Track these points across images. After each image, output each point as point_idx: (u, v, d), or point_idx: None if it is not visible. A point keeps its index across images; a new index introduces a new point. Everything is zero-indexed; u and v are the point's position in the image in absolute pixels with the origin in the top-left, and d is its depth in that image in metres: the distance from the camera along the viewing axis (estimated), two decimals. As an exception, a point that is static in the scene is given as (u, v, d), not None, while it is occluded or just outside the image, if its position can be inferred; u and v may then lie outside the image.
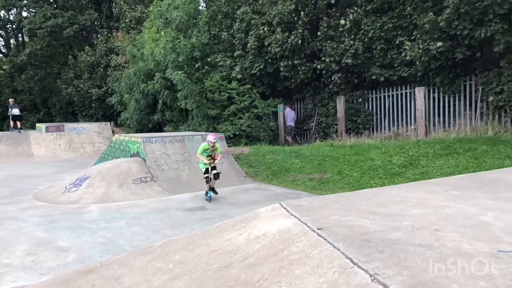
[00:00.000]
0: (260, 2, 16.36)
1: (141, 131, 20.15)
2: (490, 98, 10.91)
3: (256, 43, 15.48)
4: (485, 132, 10.28)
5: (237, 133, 15.40)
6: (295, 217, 3.14)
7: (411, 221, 2.81)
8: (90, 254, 5.36)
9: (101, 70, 26.43)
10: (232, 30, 17.09)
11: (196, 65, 17.24)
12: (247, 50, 15.95)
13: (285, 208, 3.43)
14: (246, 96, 15.82)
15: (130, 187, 9.50)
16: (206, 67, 17.13)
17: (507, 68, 10.58)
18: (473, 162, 8.52)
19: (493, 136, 9.86)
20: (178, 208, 8.14)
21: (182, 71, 16.37)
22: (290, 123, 15.67)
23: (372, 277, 1.92)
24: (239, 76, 16.11)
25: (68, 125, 20.41)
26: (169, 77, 16.81)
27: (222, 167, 11.14)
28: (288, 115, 15.75)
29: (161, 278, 2.98)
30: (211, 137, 8.62)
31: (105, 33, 28.18)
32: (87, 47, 27.97)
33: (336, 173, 10.09)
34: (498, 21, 9.99)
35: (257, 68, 15.73)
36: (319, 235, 2.64)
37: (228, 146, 12.82)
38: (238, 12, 16.65)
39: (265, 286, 2.28)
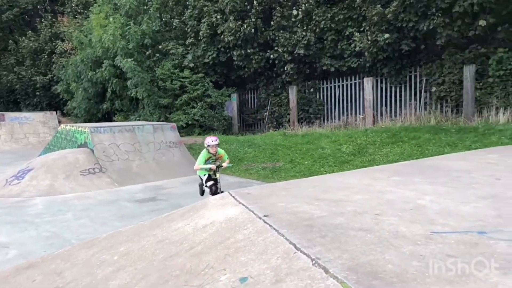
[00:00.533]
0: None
1: (90, 120, 19.40)
2: (433, 89, 11.43)
3: (208, 31, 15.26)
4: (428, 121, 10.78)
5: (190, 122, 15.20)
6: (243, 205, 3.15)
7: (354, 206, 2.90)
8: (33, 249, 5.11)
9: (46, 56, 25.06)
10: (184, 17, 16.74)
11: (147, 53, 16.77)
12: (199, 38, 15.70)
13: (233, 197, 3.44)
14: (199, 85, 15.62)
15: (78, 179, 9.15)
16: (157, 54, 16.70)
17: (448, 60, 11.11)
18: (417, 150, 8.92)
19: (435, 125, 10.36)
20: (128, 200, 7.94)
21: (132, 59, 15.87)
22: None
23: (314, 261, 1.97)
24: (192, 65, 15.85)
25: (10, 115, 19.27)
26: (118, 64, 16.24)
27: (174, 157, 10.98)
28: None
29: (105, 271, 2.90)
30: (210, 140, 6.49)
31: (49, 17, 26.67)
32: (30, 32, 26.38)
33: (288, 161, 10.24)
34: (440, 15, 10.43)
35: (210, 57, 15.54)
36: (265, 222, 2.66)
37: (181, 136, 12.62)
38: (190, -2, 16.33)
39: (210, 274, 2.27)
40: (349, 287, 1.69)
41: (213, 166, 6.60)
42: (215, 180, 6.77)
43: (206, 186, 6.83)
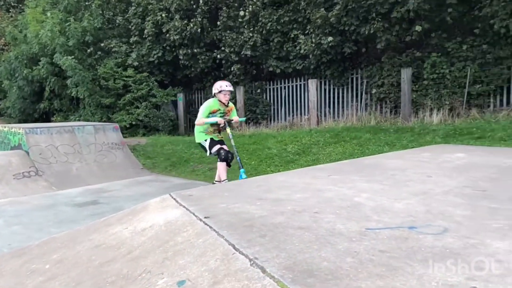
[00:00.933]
0: (157, -14, 15.79)
1: (25, 121, 18.30)
2: (373, 91, 11.93)
3: (153, 29, 14.94)
4: (368, 122, 11.23)
5: (133, 123, 14.78)
6: (184, 207, 3.10)
7: (295, 205, 2.94)
8: (-44, 260, 4.71)
9: (-25, 52, 23.36)
10: (127, 15, 16.26)
11: (88, 51, 16.10)
12: (144, 36, 15.32)
13: (174, 199, 3.37)
14: (144, 84, 15.24)
15: (10, 183, 8.58)
16: (99, 52, 16.09)
17: (387, 63, 11.64)
18: (358, 149, 9.25)
19: (375, 125, 10.81)
20: (67, 204, 7.57)
21: (73, 57, 15.16)
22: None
23: (252, 261, 1.96)
24: (136, 64, 15.43)
25: None
26: (57, 62, 15.46)
27: (117, 158, 10.63)
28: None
29: (35, 280, 2.73)
30: (224, 84, 5.41)
31: (-20, 11, 24.90)
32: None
33: (235, 162, 10.22)
34: (380, 20, 10.90)
35: (155, 56, 15.22)
36: (205, 224, 2.63)
37: (124, 137, 12.24)
38: (133, -4, 15.90)
39: (147, 278, 2.20)
40: (285, 286, 1.70)
41: (220, 120, 5.28)
42: (222, 142, 5.59)
43: (211, 153, 5.64)
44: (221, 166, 5.69)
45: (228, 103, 5.52)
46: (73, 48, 15.66)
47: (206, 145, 5.59)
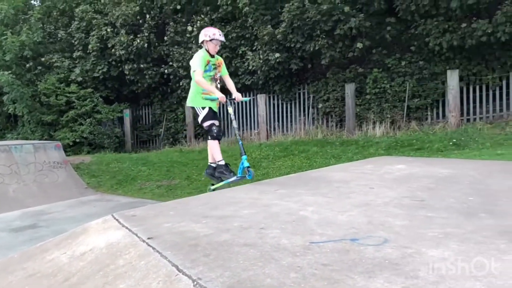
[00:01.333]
0: (102, 1, 15.45)
1: (-43, 140, 17.04)
2: (320, 105, 12.26)
3: (98, 44, 14.54)
4: (316, 135, 11.51)
5: (77, 140, 14.19)
6: (127, 228, 2.98)
7: (241, 222, 2.93)
8: None
9: None
10: (70, 29, 15.72)
11: (27, 65, 15.35)
12: (88, 51, 14.86)
13: (117, 220, 3.24)
14: (88, 100, 14.71)
15: None
16: (39, 67, 15.38)
17: (332, 79, 12.04)
18: (306, 162, 9.43)
19: (322, 139, 11.10)
20: (3, 229, 7.08)
21: (10, 72, 14.39)
22: None
23: (195, 282, 1.92)
24: (80, 79, 14.90)
25: None
26: (-8, 78, 14.59)
27: (59, 178, 10.13)
28: None
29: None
30: (217, 32, 4.73)
31: None
32: None
33: (184, 178, 10.08)
34: (324, 37, 11.29)
35: (100, 71, 14.79)
36: (148, 245, 2.54)
37: (67, 155, 11.71)
38: (77, 10, 15.42)
39: (85, 306, 2.09)
40: (228, 305, 1.67)
41: (222, 97, 4.50)
42: (217, 114, 4.83)
43: (202, 126, 4.82)
44: (214, 145, 4.87)
45: (215, 56, 4.79)
46: (10, 63, 14.88)
47: (202, 114, 4.74)
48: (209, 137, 4.86)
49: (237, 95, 4.92)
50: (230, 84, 5.12)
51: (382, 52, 11.51)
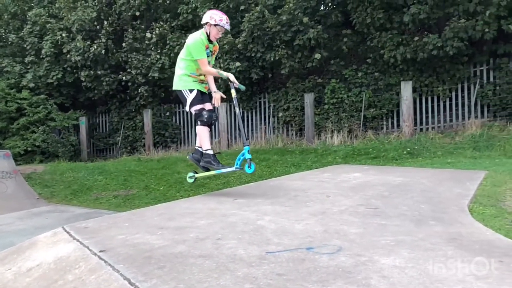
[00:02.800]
0: (57, 5, 14.95)
1: None
2: (280, 114, 12.39)
3: (52, 49, 14.03)
4: (276, 144, 11.60)
5: (29, 149, 13.55)
6: (78, 240, 2.87)
7: (197, 233, 2.89)
8: None
9: None
10: (22, 33, 15.08)
11: (-25, 70, 14.59)
12: (41, 56, 14.30)
13: (68, 232, 3.11)
14: (41, 107, 14.12)
15: None
16: (-12, 72, 14.66)
17: (292, 88, 12.22)
18: (266, 171, 9.46)
19: (282, 147, 11.19)
20: None
21: (-45, 76, 13.61)
22: None
23: (147, 296, 1.86)
24: (32, 85, 14.28)
25: None
26: None
27: (8, 189, 9.63)
28: None
29: None
30: (224, 17, 4.30)
31: None
32: None
33: (142, 188, 9.84)
34: (284, 47, 11.45)
35: (54, 77, 14.25)
36: (100, 258, 2.45)
37: (17, 165, 11.17)
38: (30, 13, 14.83)
39: (29, 326, 1.98)
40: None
41: (232, 76, 4.25)
42: (208, 98, 4.42)
43: (190, 111, 4.38)
44: (204, 131, 4.38)
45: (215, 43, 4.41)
46: (-45, 66, 14.09)
47: (190, 97, 4.26)
48: (199, 123, 4.35)
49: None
50: (211, 79, 4.70)
51: (340, 63, 11.82)
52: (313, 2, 11.49)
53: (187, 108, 4.39)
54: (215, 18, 4.23)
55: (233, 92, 4.38)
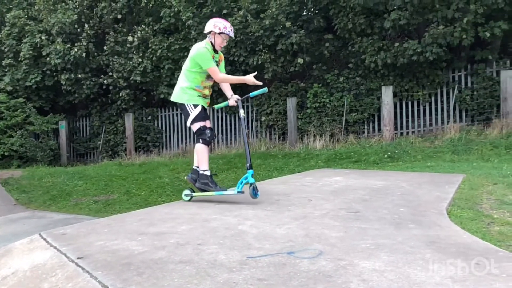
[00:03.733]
0: (36, 7, 14.70)
1: None
2: (263, 118, 12.42)
3: (31, 52, 13.77)
4: (259, 148, 11.61)
5: (6, 154, 13.24)
6: (55, 247, 2.81)
7: (178, 238, 2.86)
8: None
9: None
10: (0, 35, 14.77)
11: (-49, 72, 14.21)
12: (20, 59, 14.02)
13: (45, 239, 3.04)
14: (19, 111, 13.83)
15: None
16: (-36, 75, 14.29)
17: (275, 92, 12.26)
18: (249, 175, 9.45)
19: (265, 151, 11.21)
20: None
21: None
22: None
23: (125, 304, 1.83)
24: (10, 88, 13.98)
25: None
26: None
27: (-16, 194, 9.38)
28: None
29: None
30: (228, 24, 4.21)
31: None
32: None
33: (123, 193, 9.71)
34: (267, 51, 11.50)
35: (33, 80, 13.98)
36: (78, 265, 2.41)
37: (-6, 170, 10.91)
38: (8, 15, 14.54)
39: (2, 337, 1.92)
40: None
41: (253, 80, 4.00)
42: (207, 115, 4.29)
43: (192, 127, 4.21)
44: (204, 151, 4.21)
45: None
46: None
47: (194, 113, 4.10)
48: (200, 141, 4.16)
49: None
50: (227, 85, 4.52)
51: (322, 68, 11.93)
52: (295, 7, 11.58)
53: (188, 123, 4.23)
54: (219, 26, 4.12)
55: (241, 112, 4.23)
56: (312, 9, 12.60)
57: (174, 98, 4.36)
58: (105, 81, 13.59)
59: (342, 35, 11.24)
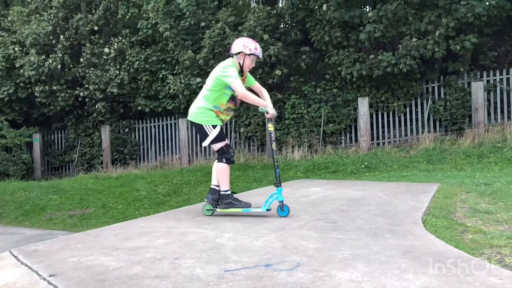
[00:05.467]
0: (9, 18, 14.43)
1: None
2: (241, 130, 12.43)
3: (3, 63, 13.47)
4: (238, 159, 11.56)
5: (-23, 168, 12.87)
6: (26, 265, 2.72)
7: (154, 253, 2.81)
8: None
9: None
10: (-30, 46, 14.42)
11: None
12: (-8, 71, 13.69)
13: (15, 256, 2.94)
14: (-10, 124, 13.48)
15: None
16: None
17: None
18: (228, 187, 9.41)
19: (244, 163, 11.20)
20: None
21: None
22: None
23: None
24: (-19, 100, 13.63)
25: None
26: None
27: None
28: None
29: None
30: (258, 46, 4.02)
31: None
32: None
33: (100, 207, 9.54)
34: (244, 63, 11.54)
35: (5, 92, 13.64)
36: (50, 283, 2.34)
37: (-36, 185, 10.55)
38: (-20, 26, 14.24)
39: None
40: None
41: (272, 111, 3.80)
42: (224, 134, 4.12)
43: (212, 147, 4.06)
44: (227, 171, 4.03)
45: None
46: None
47: (213, 134, 3.94)
48: (224, 160, 3.98)
49: (271, 111, 3.86)
50: (265, 94, 4.19)
51: (299, 80, 12.06)
52: (273, 20, 11.72)
53: (205, 143, 4.05)
54: (249, 47, 3.90)
55: (270, 126, 3.98)
56: (289, 22, 12.77)
57: (191, 117, 4.17)
58: (81, 93, 13.38)
59: (319, 47, 11.41)
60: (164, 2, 12.50)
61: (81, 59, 13.46)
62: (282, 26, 12.66)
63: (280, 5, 13.50)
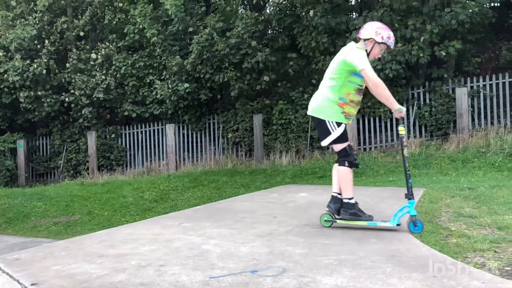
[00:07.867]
0: (-7, 23, 14.26)
1: None
2: (229, 135, 12.41)
3: (-13, 69, 13.29)
4: (226, 165, 11.57)
5: (-41, 175, 12.62)
6: (7, 274, 2.67)
7: (139, 260, 2.78)
8: None
9: None
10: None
11: None
12: (-25, 76, 13.49)
13: (-4, 265, 2.88)
14: (-26, 130, 13.25)
15: None
16: None
17: (241, 109, 12.31)
18: (215, 192, 9.38)
19: (231, 168, 11.17)
20: None
21: None
22: None
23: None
24: (-36, 106, 13.40)
25: None
26: None
27: None
28: None
29: None
30: (392, 35, 3.52)
31: None
32: None
33: (85, 214, 9.40)
34: (233, 69, 11.57)
35: (-11, 98, 13.47)
36: (31, 292, 2.30)
37: None
38: (-37, 31, 14.01)
39: None
40: None
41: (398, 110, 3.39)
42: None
43: (333, 147, 3.67)
44: (350, 175, 3.58)
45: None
46: None
47: (336, 132, 3.50)
48: (346, 163, 3.53)
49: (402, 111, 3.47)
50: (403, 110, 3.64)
51: (287, 86, 12.11)
52: (260, 26, 11.76)
53: (325, 143, 3.61)
54: (382, 35, 3.44)
55: (401, 129, 3.49)
56: (276, 28, 12.85)
57: (312, 111, 3.74)
58: (67, 99, 13.24)
59: (306, 53, 11.48)
60: (151, 8, 12.49)
61: (68, 65, 13.34)
62: (269, 32, 12.73)
63: (267, 11, 13.60)
